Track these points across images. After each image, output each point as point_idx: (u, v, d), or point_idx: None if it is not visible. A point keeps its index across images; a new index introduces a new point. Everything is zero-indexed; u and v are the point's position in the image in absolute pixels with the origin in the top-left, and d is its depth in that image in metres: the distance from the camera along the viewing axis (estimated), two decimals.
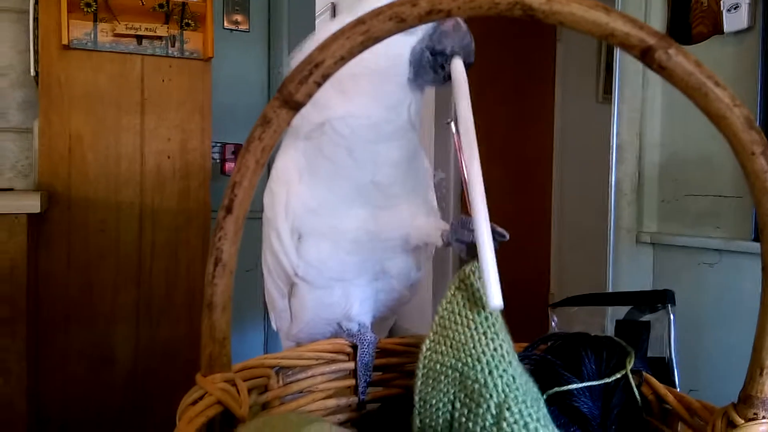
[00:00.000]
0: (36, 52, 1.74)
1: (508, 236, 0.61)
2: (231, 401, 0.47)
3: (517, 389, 0.52)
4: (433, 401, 0.57)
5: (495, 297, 0.51)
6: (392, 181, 0.69)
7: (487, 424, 0.52)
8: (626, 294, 1.11)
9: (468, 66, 0.63)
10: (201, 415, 0.45)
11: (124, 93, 1.79)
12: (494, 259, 0.52)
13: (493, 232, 0.62)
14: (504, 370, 0.53)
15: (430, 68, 0.64)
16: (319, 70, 0.43)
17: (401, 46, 0.64)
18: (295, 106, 0.45)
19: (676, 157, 1.47)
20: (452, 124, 0.64)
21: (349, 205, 0.68)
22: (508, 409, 0.51)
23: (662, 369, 0.91)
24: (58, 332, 1.73)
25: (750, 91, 1.26)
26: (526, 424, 0.51)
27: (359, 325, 0.74)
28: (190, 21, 1.83)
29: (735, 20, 1.29)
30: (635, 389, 0.61)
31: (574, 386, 0.62)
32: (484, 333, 0.56)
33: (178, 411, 0.47)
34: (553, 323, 1.03)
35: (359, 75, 0.63)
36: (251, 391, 0.60)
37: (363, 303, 0.74)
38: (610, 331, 0.96)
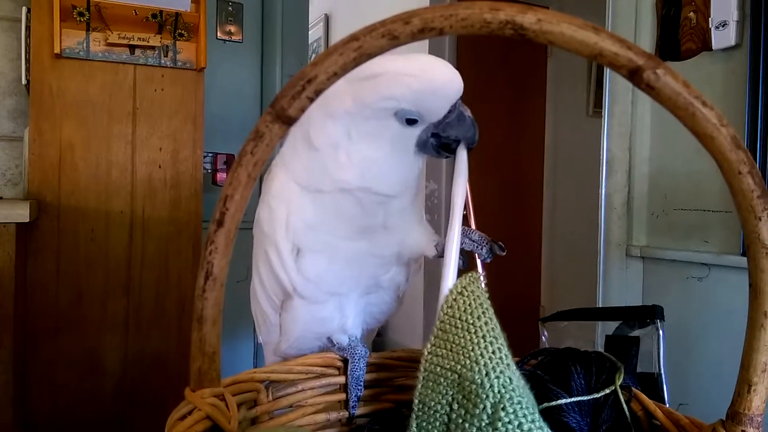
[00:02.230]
0: (27, 60, 1.74)
1: (505, 252, 0.67)
2: (220, 416, 0.46)
3: (513, 390, 0.53)
4: (432, 403, 0.57)
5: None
6: (400, 223, 0.72)
7: (483, 424, 0.52)
8: (615, 309, 1.11)
9: (469, 149, 0.67)
10: (190, 430, 0.45)
11: (116, 102, 1.79)
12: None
13: (494, 244, 0.68)
14: (501, 372, 0.54)
15: (433, 150, 0.67)
16: (311, 86, 0.44)
17: (407, 136, 0.65)
18: (288, 121, 0.45)
19: (666, 171, 1.48)
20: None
21: (350, 234, 0.70)
22: (503, 409, 0.52)
23: (651, 384, 0.91)
24: (47, 341, 1.71)
25: (738, 107, 1.27)
26: (520, 425, 0.51)
27: (350, 338, 0.73)
28: (183, 31, 1.83)
29: (723, 38, 1.31)
30: (624, 405, 0.61)
31: (564, 401, 0.62)
32: (483, 336, 0.57)
33: (166, 426, 0.47)
34: (543, 337, 1.03)
35: (373, 158, 0.65)
36: (240, 405, 0.60)
37: (356, 317, 0.74)
38: (600, 345, 0.96)
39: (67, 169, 1.73)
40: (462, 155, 0.66)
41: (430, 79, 0.61)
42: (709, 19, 1.33)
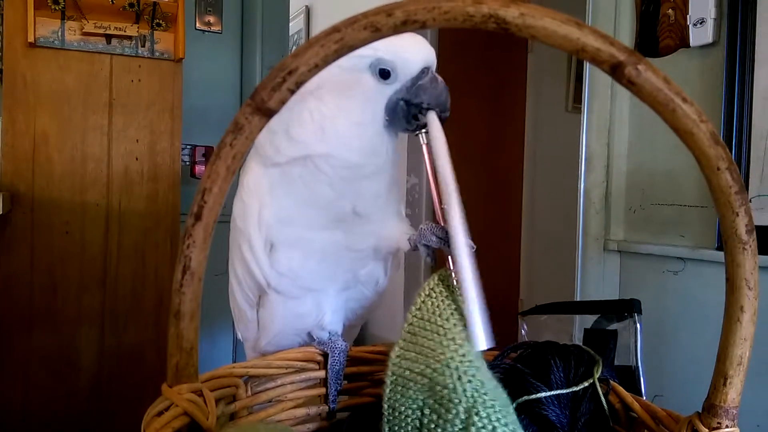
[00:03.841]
0: (0, 49, 1.70)
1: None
2: (197, 412, 0.46)
3: (486, 394, 0.53)
4: (402, 408, 0.57)
5: (480, 340, 0.54)
6: (372, 210, 0.69)
7: (456, 429, 0.52)
8: (594, 303, 1.12)
9: (443, 120, 0.64)
10: (167, 426, 0.44)
11: (91, 93, 1.76)
12: (479, 306, 0.55)
13: None
14: (473, 375, 0.54)
15: (403, 117, 0.65)
16: (292, 78, 0.43)
17: (378, 93, 0.64)
18: (268, 113, 0.44)
19: (643, 167, 1.50)
20: (421, 135, 0.65)
21: (324, 223, 0.68)
22: (476, 414, 0.51)
23: (629, 377, 0.93)
24: (20, 336, 1.68)
25: (714, 104, 1.29)
26: (494, 429, 0.51)
27: (330, 333, 0.73)
28: (161, 21, 1.80)
29: (701, 35, 1.32)
30: (602, 398, 0.62)
31: (543, 395, 0.62)
32: (453, 339, 0.56)
33: (143, 422, 0.46)
34: (522, 331, 1.04)
35: (337, 117, 0.63)
36: (219, 401, 0.59)
37: (335, 312, 0.74)
38: (578, 339, 0.97)
39: (41, 161, 1.70)
40: (434, 121, 0.63)
41: (408, 33, 0.61)
42: (687, 16, 1.34)
